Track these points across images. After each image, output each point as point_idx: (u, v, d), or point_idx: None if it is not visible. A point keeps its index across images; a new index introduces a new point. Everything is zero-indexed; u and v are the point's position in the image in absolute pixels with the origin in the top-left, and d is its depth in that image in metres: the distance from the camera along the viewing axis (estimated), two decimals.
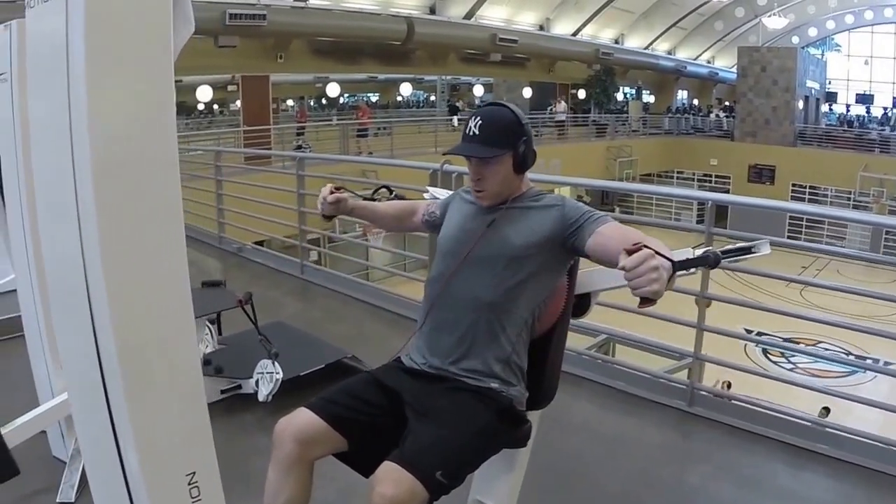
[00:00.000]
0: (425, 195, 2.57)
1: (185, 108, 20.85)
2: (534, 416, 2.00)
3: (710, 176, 26.70)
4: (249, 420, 3.49)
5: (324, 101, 24.99)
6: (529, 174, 2.01)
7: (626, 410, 3.62)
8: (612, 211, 23.93)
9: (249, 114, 19.53)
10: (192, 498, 1.47)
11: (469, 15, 22.84)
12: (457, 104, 26.03)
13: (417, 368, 1.94)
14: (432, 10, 21.97)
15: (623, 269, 1.43)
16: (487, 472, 1.94)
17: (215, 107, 22.33)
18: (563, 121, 24.85)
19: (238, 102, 20.43)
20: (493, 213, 1.95)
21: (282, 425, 1.81)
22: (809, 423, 3.31)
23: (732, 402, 3.57)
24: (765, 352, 13.50)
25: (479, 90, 28.30)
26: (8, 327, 5.07)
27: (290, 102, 24.15)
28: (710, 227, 3.40)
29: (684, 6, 29.00)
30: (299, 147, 18.23)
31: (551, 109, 25.56)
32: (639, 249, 1.42)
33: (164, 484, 1.50)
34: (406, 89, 26.12)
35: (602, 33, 28.10)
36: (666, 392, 3.64)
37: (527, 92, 27.59)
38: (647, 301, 1.42)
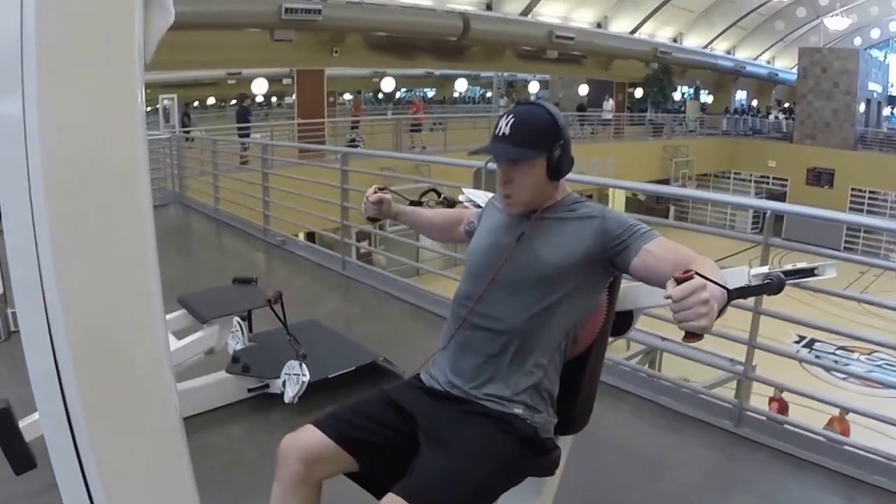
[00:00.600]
0: (460, 197, 2.45)
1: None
2: (565, 442, 1.85)
3: (768, 178, 26.05)
4: (276, 419, 3.43)
5: (380, 95, 25.09)
6: (576, 176, 1.91)
7: (668, 428, 3.40)
8: (667, 211, 23.53)
9: (304, 107, 19.65)
10: None
11: (525, 11, 22.64)
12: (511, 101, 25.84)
13: (437, 389, 1.79)
14: (489, 7, 21.78)
15: (670, 298, 1.28)
16: (511, 500, 1.75)
17: (273, 99, 22.54)
18: (609, 119, 24.45)
19: (293, 95, 20.57)
20: (522, 225, 1.79)
21: (286, 442, 1.70)
22: (867, 454, 3.04)
23: (784, 426, 3.33)
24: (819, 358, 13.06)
25: (534, 87, 28.09)
26: None
27: (346, 96, 24.28)
28: (769, 238, 3.16)
29: (744, 5, 28.32)
30: (352, 141, 18.32)
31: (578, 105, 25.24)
32: (689, 277, 1.27)
33: None
34: (461, 85, 26.08)
35: (660, 32, 27.58)
36: (712, 410, 3.42)
37: (583, 89, 27.28)
38: (692, 336, 1.27)
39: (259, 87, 21.34)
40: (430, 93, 29.06)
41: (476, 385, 1.72)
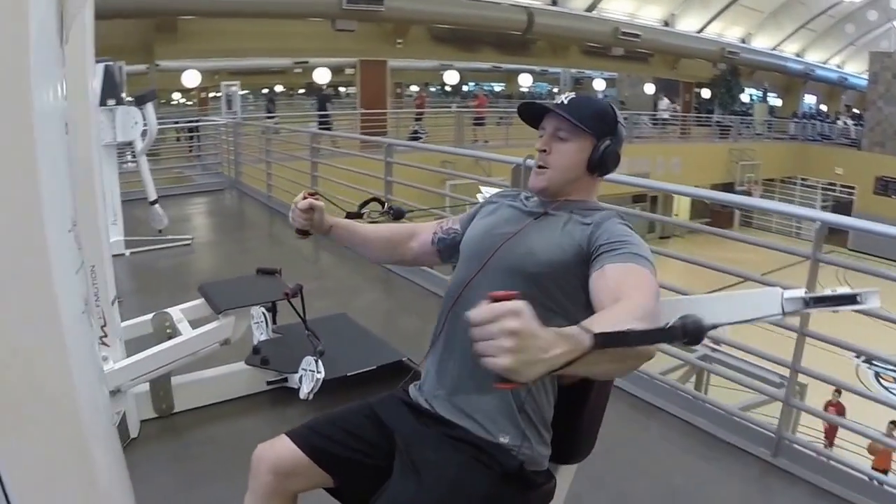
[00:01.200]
0: (479, 196, 2.29)
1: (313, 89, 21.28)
2: (566, 472, 1.70)
3: (835, 185, 25.09)
4: (292, 415, 3.38)
5: (447, 88, 25.06)
6: (618, 177, 1.76)
7: (699, 454, 3.15)
8: (731, 216, 22.92)
9: (366, 97, 19.72)
10: None
11: (591, 7, 22.26)
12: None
13: (422, 406, 1.62)
14: (553, 2, 21.44)
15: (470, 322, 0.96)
16: None
17: (341, 89, 22.63)
18: (665, 119, 23.76)
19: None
20: (537, 213, 1.64)
21: (258, 453, 1.62)
22: None
23: (830, 461, 3.04)
24: (877, 375, 12.43)
25: (599, 84, 27.64)
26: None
27: (413, 88, 24.29)
28: (818, 254, 2.87)
29: (814, 7, 27.23)
30: (415, 132, 18.32)
31: (673, 107, 24.62)
32: (506, 298, 0.95)
33: None
34: (525, 80, 25.74)
35: (728, 32, 26.76)
36: (749, 436, 3.16)
37: (649, 88, 26.70)
38: (503, 380, 0.94)
39: (321, 77, 21.45)
40: (498, 87, 28.90)
41: (460, 396, 1.55)
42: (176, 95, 21.25)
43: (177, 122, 16.85)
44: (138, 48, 17.38)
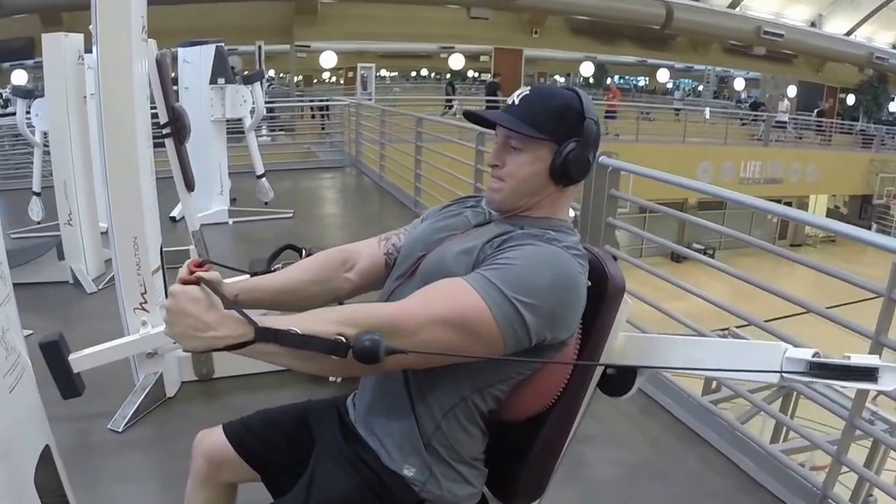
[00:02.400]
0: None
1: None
2: None
3: None
4: (323, 393, 3.29)
5: (591, 80, 24.72)
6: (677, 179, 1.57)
7: (731, 497, 2.76)
8: (869, 227, 21.44)
9: (501, 84, 19.71)
10: None
11: (734, 4, 21.28)
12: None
13: (348, 418, 1.51)
14: None
15: None
16: None
17: (476, 74, 22.75)
18: (783, 122, 21.77)
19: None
20: (480, 222, 1.44)
21: (198, 437, 1.61)
22: None
23: None
24: None
25: (739, 84, 26.40)
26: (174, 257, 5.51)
27: (559, 79, 24.10)
28: (893, 292, 2.36)
29: None
30: None
31: (818, 111, 23.13)
32: (188, 281, 1.17)
33: None
34: (663, 75, 25.00)
35: (878, 36, 24.66)
36: (790, 486, 2.72)
37: (791, 91, 25.12)
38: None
39: (456, 63, 21.65)
40: (642, 81, 28.21)
41: (373, 416, 1.42)
42: (325, 75, 21.88)
43: (311, 101, 17.50)
44: (279, 29, 18.13)
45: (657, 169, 3.81)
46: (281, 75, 22.75)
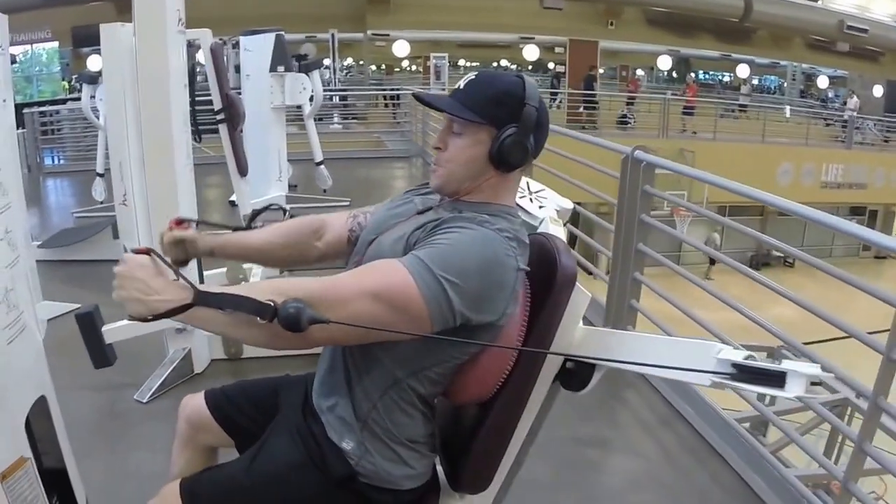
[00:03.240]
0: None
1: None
2: (471, 501, 1.58)
3: None
4: None
5: (675, 74, 24.29)
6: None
7: None
8: None
9: (575, 78, 19.59)
10: None
11: None
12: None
13: (311, 393, 1.56)
14: None
15: None
16: None
17: (551, 65, 22.58)
18: (847, 120, 20.94)
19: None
20: (422, 209, 1.48)
21: (184, 400, 1.74)
22: None
23: None
24: None
25: (823, 82, 25.37)
26: None
27: (640, 72, 23.81)
28: None
29: None
30: (623, 117, 17.99)
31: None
32: (139, 251, 1.25)
33: None
34: (743, 71, 24.29)
35: None
36: None
37: (877, 90, 23.68)
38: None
39: (530, 54, 21.55)
40: (727, 77, 27.54)
41: (322, 393, 1.48)
42: (405, 63, 22.05)
43: (382, 90, 17.73)
44: (353, 18, 18.39)
45: (735, 169, 3.70)
46: (360, 62, 23.04)
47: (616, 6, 19.20)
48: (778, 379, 1.01)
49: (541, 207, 1.99)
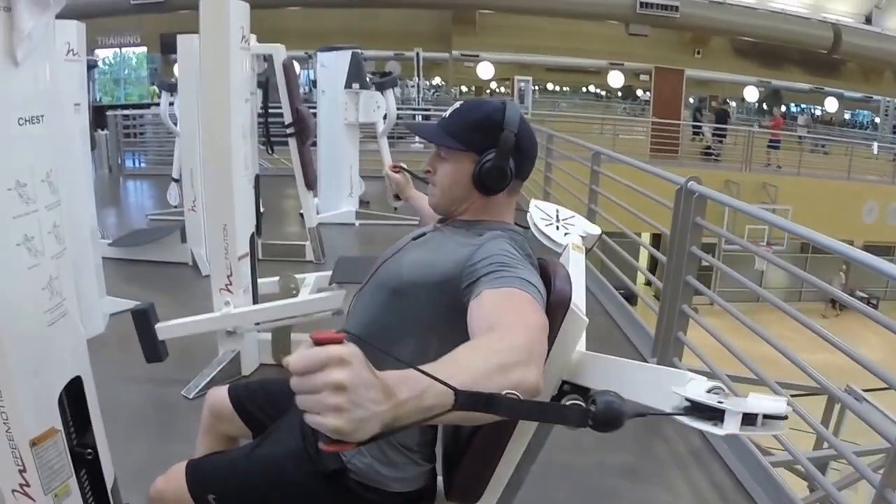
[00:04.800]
0: (531, 206, 2.22)
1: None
2: None
3: None
4: None
5: (765, 106, 23.77)
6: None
7: None
8: None
9: (659, 106, 19.40)
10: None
11: None
12: None
13: None
14: (868, 20, 19.31)
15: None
16: None
17: (640, 92, 22.32)
18: None
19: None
20: (427, 231, 1.59)
21: (210, 392, 1.89)
22: None
23: None
24: None
25: None
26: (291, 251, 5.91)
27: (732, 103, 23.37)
28: None
29: None
30: (707, 148, 17.79)
31: None
32: (333, 341, 0.77)
33: None
34: (831, 104, 23.56)
35: None
36: None
37: None
38: (332, 441, 0.76)
39: (615, 81, 21.40)
40: (818, 111, 26.75)
41: None
42: (493, 85, 22.09)
43: None
44: (438, 37, 18.66)
45: (819, 206, 3.63)
46: (445, 83, 23.20)
47: (703, 34, 18.91)
48: (717, 416, 0.96)
49: (566, 234, 2.06)
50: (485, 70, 20.43)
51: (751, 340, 3.23)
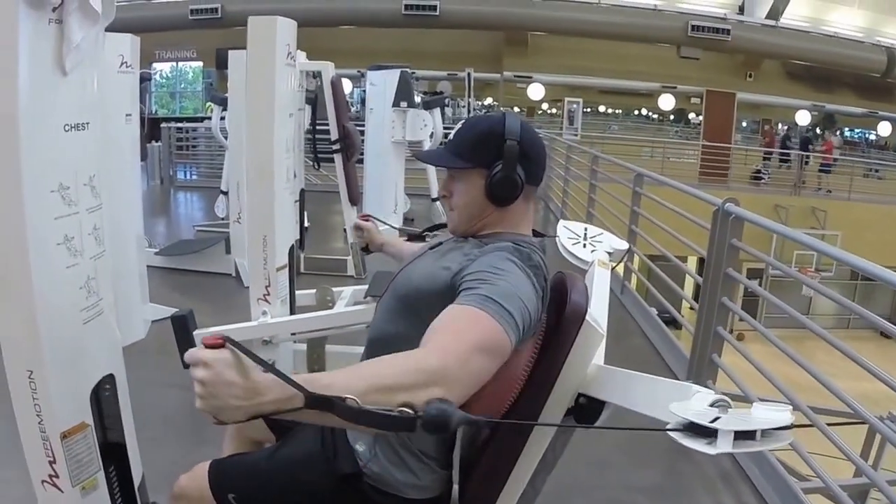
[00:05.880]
0: (558, 229, 2.26)
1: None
2: None
3: None
4: None
5: (818, 130, 23.39)
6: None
7: None
8: None
9: (710, 129, 19.22)
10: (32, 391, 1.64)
11: None
12: None
13: None
14: None
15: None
16: None
17: (693, 116, 22.14)
18: None
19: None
20: (448, 238, 1.63)
21: None
22: None
23: None
24: None
25: None
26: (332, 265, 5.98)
27: (781, 126, 23.07)
28: None
29: None
30: (757, 172, 17.51)
31: None
32: (215, 345, 1.00)
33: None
34: (884, 129, 23.01)
35: None
36: None
37: None
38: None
39: (665, 104, 21.26)
40: (873, 135, 26.18)
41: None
42: (545, 106, 22.14)
43: None
44: (489, 58, 18.79)
45: (868, 231, 3.58)
46: (496, 103, 23.26)
47: (755, 57, 18.69)
48: (713, 435, 0.97)
49: (592, 251, 2.09)
50: (535, 91, 20.49)
51: (797, 366, 3.14)
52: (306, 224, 7.12)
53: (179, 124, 13.16)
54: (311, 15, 17.12)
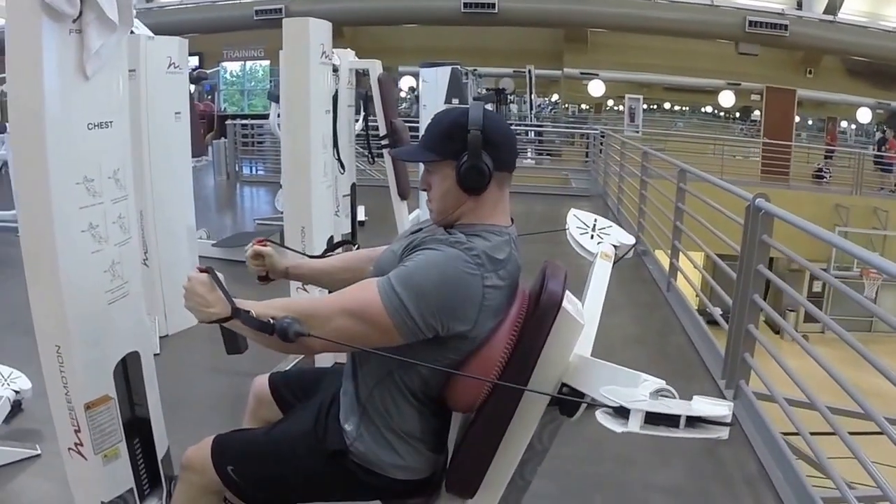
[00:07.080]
0: (568, 218, 2.26)
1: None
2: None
3: None
4: None
5: (885, 129, 22.66)
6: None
7: None
8: None
9: (770, 127, 18.81)
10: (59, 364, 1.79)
11: None
12: None
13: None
14: None
15: None
16: None
17: (756, 113, 21.67)
18: None
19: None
20: (416, 229, 1.73)
21: (255, 379, 2.05)
22: None
23: None
24: None
25: None
26: None
27: (844, 124, 22.45)
28: None
29: None
30: (819, 170, 17.08)
31: None
32: (201, 270, 1.57)
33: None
34: None
35: None
36: None
37: None
38: None
39: (726, 100, 20.89)
40: None
41: (343, 379, 1.70)
42: (610, 102, 21.93)
43: (572, 128, 17.90)
44: (550, 55, 18.76)
45: None
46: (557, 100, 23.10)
47: (814, 53, 18.14)
48: (673, 421, 1.08)
49: (598, 243, 2.15)
50: (596, 88, 20.37)
51: (856, 369, 3.00)
52: (362, 218, 7.28)
53: (244, 121, 13.47)
54: (371, 14, 17.43)
